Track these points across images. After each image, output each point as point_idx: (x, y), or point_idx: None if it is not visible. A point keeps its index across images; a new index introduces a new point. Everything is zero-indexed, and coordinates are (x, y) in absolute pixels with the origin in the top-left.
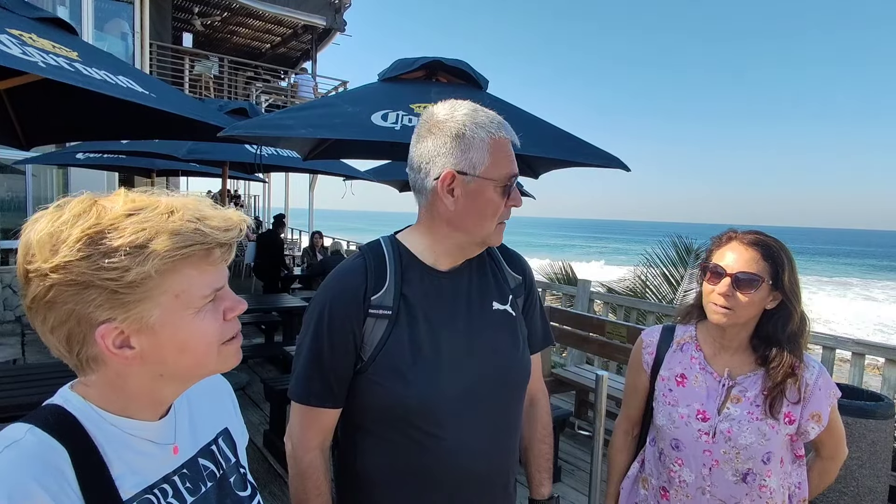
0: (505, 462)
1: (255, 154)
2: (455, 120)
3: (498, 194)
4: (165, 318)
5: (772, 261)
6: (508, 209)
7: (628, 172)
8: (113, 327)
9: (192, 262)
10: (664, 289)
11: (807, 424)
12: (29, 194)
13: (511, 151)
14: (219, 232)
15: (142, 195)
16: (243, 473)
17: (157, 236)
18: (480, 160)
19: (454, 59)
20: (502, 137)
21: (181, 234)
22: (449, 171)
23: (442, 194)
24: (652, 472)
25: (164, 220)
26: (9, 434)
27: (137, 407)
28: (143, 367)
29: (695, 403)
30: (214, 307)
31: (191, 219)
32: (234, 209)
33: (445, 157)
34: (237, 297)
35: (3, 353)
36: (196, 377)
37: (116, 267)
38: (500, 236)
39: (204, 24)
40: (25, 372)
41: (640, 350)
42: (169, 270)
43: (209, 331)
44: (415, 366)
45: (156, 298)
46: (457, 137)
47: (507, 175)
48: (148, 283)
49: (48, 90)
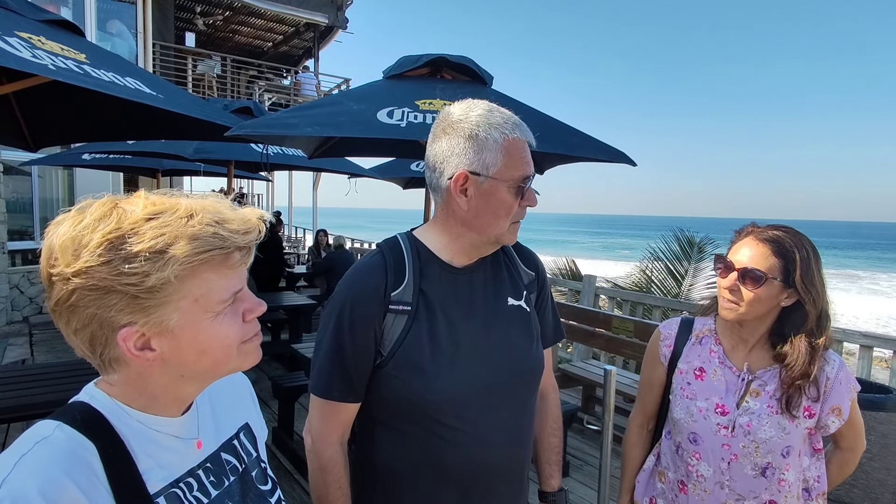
0: (520, 454)
1: (262, 153)
2: (469, 120)
3: (511, 195)
4: (185, 321)
5: (783, 258)
6: (523, 209)
7: (634, 167)
8: (134, 331)
9: (212, 266)
10: (669, 283)
11: (827, 418)
12: (35, 196)
13: (526, 152)
14: (237, 235)
15: (162, 197)
16: (264, 468)
17: (176, 241)
18: (493, 161)
19: (459, 56)
20: (517, 138)
21: (200, 238)
22: (462, 172)
23: (455, 194)
24: (669, 465)
25: (183, 225)
26: (38, 431)
27: (160, 405)
28: (164, 368)
29: (713, 397)
30: (234, 309)
31: (210, 222)
32: (248, 207)
33: (459, 157)
34: (257, 299)
35: (13, 353)
36: (216, 376)
37: (137, 272)
38: (514, 235)
39: (206, 23)
40: (34, 372)
41: (657, 342)
42: (188, 275)
43: (229, 333)
44: (433, 361)
45: (176, 303)
46: (470, 138)
47: (520, 176)
48: (167, 288)
49: (55, 92)
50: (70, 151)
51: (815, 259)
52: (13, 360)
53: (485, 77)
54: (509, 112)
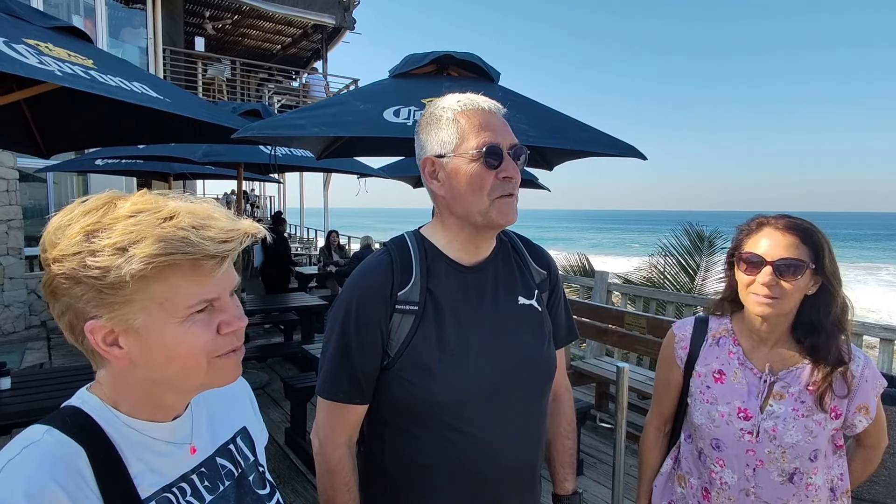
0: (531, 456)
1: (270, 154)
2: (427, 112)
3: (478, 166)
4: (151, 323)
5: (812, 244)
6: (502, 181)
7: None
8: (100, 325)
9: (181, 270)
10: (681, 278)
11: (854, 417)
12: (50, 201)
13: (488, 121)
14: (210, 243)
15: (155, 197)
16: (262, 472)
17: (142, 240)
18: (449, 138)
19: (465, 53)
20: (469, 109)
21: (166, 240)
22: (426, 158)
23: (428, 182)
24: (691, 471)
25: (155, 225)
26: (27, 435)
27: (145, 410)
28: (135, 370)
29: (735, 401)
30: (207, 319)
31: (185, 226)
32: (249, 219)
33: (423, 147)
34: (237, 313)
35: (31, 357)
36: (191, 388)
37: (99, 266)
38: (504, 214)
39: (215, 27)
40: (51, 375)
41: (672, 344)
42: (154, 277)
43: (195, 343)
44: (441, 361)
45: (140, 303)
46: (428, 126)
47: (480, 145)
48: (129, 286)
49: (65, 98)
50: (83, 157)
51: (830, 243)
52: (31, 364)
53: (491, 74)
54: (476, 95)
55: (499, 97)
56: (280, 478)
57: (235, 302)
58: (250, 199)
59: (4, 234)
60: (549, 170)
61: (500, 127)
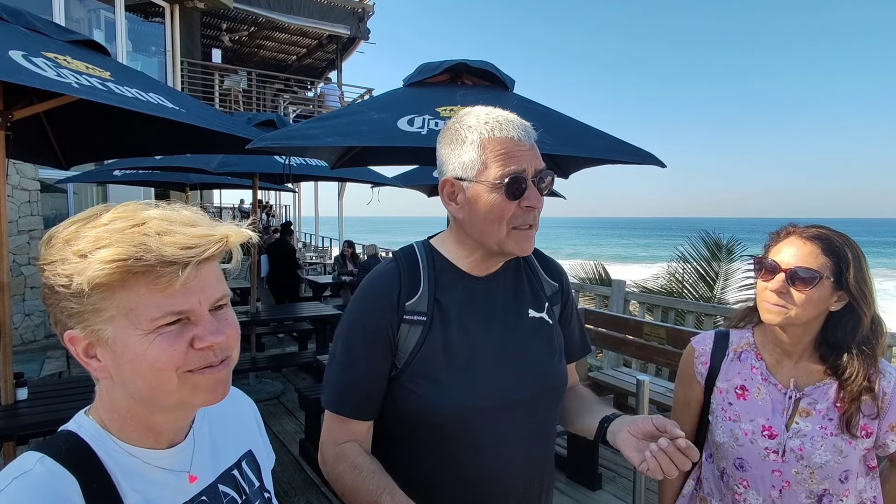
0: (540, 471)
1: (284, 164)
2: (452, 126)
3: (498, 196)
4: (118, 335)
5: (834, 256)
6: (524, 211)
7: (663, 168)
8: (76, 335)
9: (145, 279)
10: (700, 287)
11: (886, 437)
12: (71, 212)
13: (515, 149)
14: (171, 248)
15: (142, 206)
16: (268, 497)
17: (104, 247)
18: (472, 163)
19: (479, 61)
20: (495, 136)
21: (124, 245)
22: (446, 178)
23: (447, 203)
24: (713, 492)
25: (121, 232)
26: (19, 464)
27: (136, 433)
28: (115, 385)
29: (759, 418)
30: (178, 332)
31: (150, 232)
32: (235, 224)
33: (445, 164)
34: (213, 328)
35: (50, 366)
36: (172, 405)
37: (65, 274)
38: (521, 245)
39: (232, 39)
40: (68, 386)
41: (691, 359)
42: (117, 285)
43: (159, 357)
44: (449, 372)
45: (106, 312)
46: (451, 143)
47: (503, 175)
48: (92, 295)
49: (83, 110)
50: (102, 168)
51: (863, 258)
52: (50, 374)
53: (506, 82)
54: (505, 112)
55: (514, 105)
56: (295, 489)
57: (225, 315)
58: (265, 208)
59: (26, 245)
60: (564, 178)
61: (527, 153)
